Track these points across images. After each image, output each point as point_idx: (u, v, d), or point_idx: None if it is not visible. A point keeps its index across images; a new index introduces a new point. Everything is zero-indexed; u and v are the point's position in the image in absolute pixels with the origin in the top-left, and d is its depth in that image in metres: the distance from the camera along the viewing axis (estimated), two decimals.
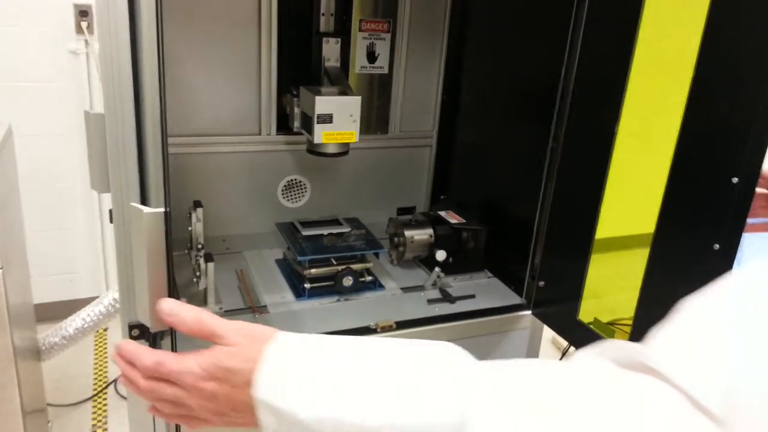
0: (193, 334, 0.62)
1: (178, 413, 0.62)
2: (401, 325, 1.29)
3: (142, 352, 0.64)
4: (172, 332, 1.06)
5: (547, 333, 2.75)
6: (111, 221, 1.03)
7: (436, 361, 0.50)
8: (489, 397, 0.45)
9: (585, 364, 0.50)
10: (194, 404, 0.59)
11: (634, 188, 1.19)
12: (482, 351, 1.37)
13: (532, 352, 1.46)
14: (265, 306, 1.33)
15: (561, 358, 1.72)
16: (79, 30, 2.52)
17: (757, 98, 0.80)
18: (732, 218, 0.80)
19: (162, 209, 0.91)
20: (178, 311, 0.64)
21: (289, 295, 1.38)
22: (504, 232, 1.46)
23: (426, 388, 0.47)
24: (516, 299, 1.42)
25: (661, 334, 0.47)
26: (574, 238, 1.23)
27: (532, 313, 1.38)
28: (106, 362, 2.71)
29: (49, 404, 2.33)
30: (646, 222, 1.06)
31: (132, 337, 1.08)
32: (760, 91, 0.80)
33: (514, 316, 1.39)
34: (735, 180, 0.80)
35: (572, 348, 1.65)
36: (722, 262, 0.79)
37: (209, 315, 0.62)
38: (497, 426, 0.44)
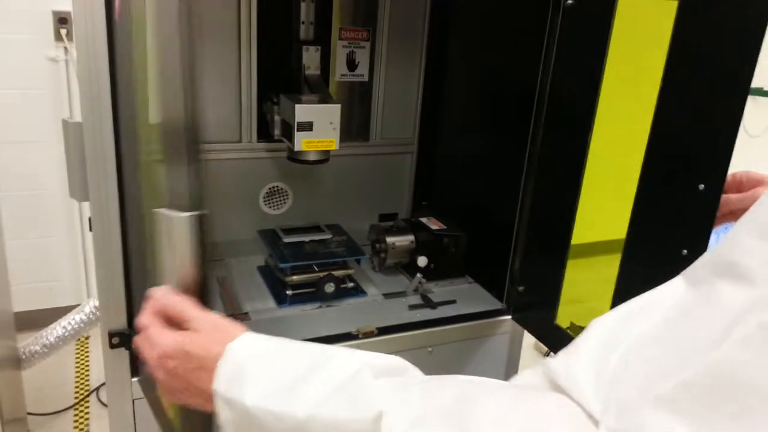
0: (165, 313, 0.68)
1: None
2: (383, 330, 1.30)
3: (151, 305, 0.69)
4: None
5: (529, 338, 2.78)
6: (91, 229, 1.03)
7: (376, 371, 0.57)
8: (405, 401, 0.54)
9: (513, 382, 0.58)
10: (160, 376, 0.65)
11: (610, 194, 1.21)
12: (463, 356, 1.39)
13: (513, 356, 1.48)
14: (247, 313, 1.33)
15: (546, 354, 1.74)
16: (58, 37, 2.51)
17: (723, 106, 0.82)
18: (698, 224, 0.82)
19: (194, 213, 0.74)
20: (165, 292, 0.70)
21: (271, 302, 1.38)
22: (484, 238, 1.47)
23: (356, 391, 0.55)
24: (497, 304, 1.43)
25: (568, 349, 0.53)
26: (552, 244, 1.25)
27: (512, 318, 1.40)
28: (87, 370, 2.69)
29: (29, 413, 2.30)
30: (621, 227, 1.08)
31: (112, 346, 1.08)
32: (725, 99, 0.82)
33: (495, 321, 1.41)
34: (701, 186, 0.82)
35: (552, 353, 1.67)
36: None
37: (185, 301, 0.68)
38: (408, 419, 0.52)
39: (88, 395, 2.53)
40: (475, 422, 0.49)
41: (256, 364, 0.59)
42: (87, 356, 2.78)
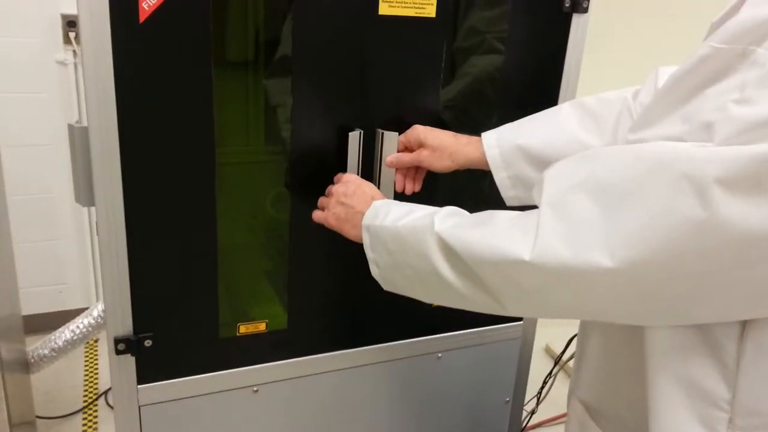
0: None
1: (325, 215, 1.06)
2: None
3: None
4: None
5: (540, 342, 2.75)
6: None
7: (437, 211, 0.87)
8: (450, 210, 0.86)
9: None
10: (331, 204, 1.05)
11: None
12: (473, 362, 1.37)
13: (524, 361, 1.46)
14: None
15: (554, 367, 1.72)
16: (66, 40, 2.51)
17: None
18: None
19: None
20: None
21: None
22: None
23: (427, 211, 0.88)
24: None
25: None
26: None
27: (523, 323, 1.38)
28: (96, 374, 2.69)
29: (38, 417, 2.30)
30: None
31: (118, 352, 1.07)
32: None
33: (505, 326, 1.39)
34: None
35: (565, 356, 1.65)
36: None
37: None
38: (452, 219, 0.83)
39: (96, 399, 2.53)
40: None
41: (384, 211, 0.94)
42: (96, 359, 2.78)
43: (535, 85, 1.25)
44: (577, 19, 1.21)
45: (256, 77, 1.33)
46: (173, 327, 1.10)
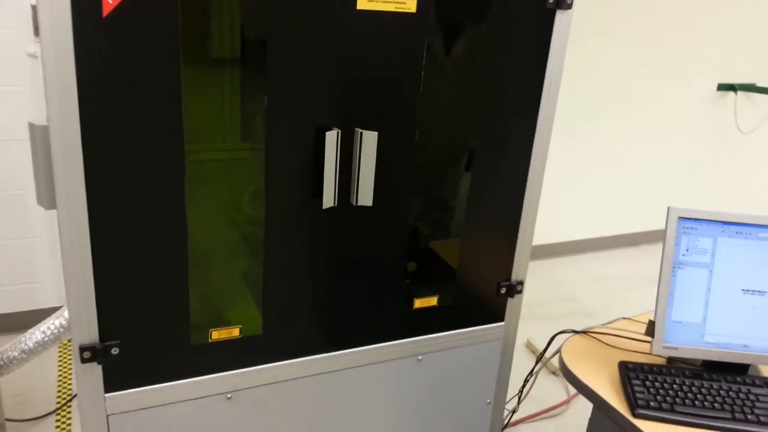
0: None
1: None
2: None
3: None
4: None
5: (521, 336, 2.74)
6: None
7: None
8: None
9: None
10: None
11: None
12: (454, 364, 1.34)
13: (505, 363, 1.43)
14: None
15: (536, 363, 1.70)
16: (38, 32, 2.43)
17: None
18: None
19: None
20: None
21: None
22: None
23: None
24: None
25: None
26: None
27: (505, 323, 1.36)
28: (70, 374, 2.63)
29: (8, 419, 2.24)
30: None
31: (84, 360, 1.03)
32: None
33: (487, 328, 1.37)
34: None
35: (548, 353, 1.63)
36: None
37: None
38: None
39: (69, 400, 2.47)
40: None
41: None
42: (70, 360, 2.72)
43: (518, 82, 1.22)
44: (560, 16, 1.18)
45: (231, 73, 1.28)
46: (142, 334, 1.06)
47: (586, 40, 3.33)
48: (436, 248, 1.47)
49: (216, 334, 1.12)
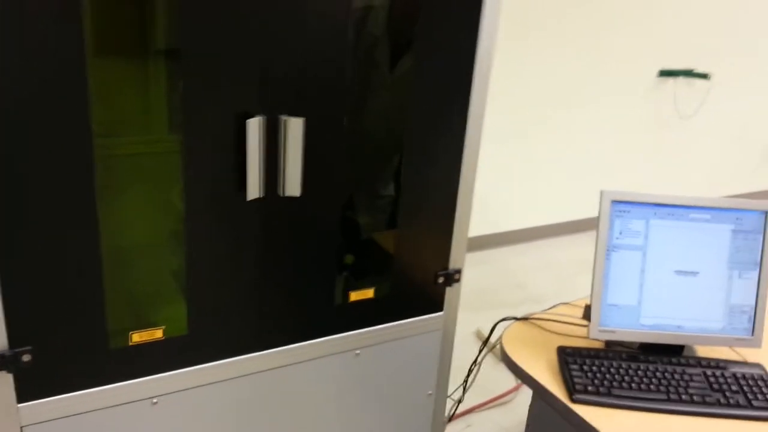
0: None
1: None
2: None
3: None
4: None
5: (471, 326, 2.74)
6: None
7: None
8: None
9: None
10: None
11: None
12: (393, 357, 1.32)
13: (445, 353, 1.42)
14: None
15: (479, 354, 1.69)
16: None
17: None
18: None
19: None
20: None
21: None
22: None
23: None
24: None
25: None
26: None
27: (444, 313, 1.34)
28: None
29: None
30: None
31: None
32: None
33: (426, 318, 1.35)
34: None
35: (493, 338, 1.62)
36: None
37: None
38: None
39: None
40: None
41: None
42: None
43: (448, 65, 1.20)
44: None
45: (155, 62, 1.22)
46: (56, 339, 1.00)
47: (528, 28, 3.35)
48: (372, 239, 1.44)
49: (137, 337, 1.06)
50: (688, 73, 3.98)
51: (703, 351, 1.34)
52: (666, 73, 3.91)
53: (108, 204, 1.04)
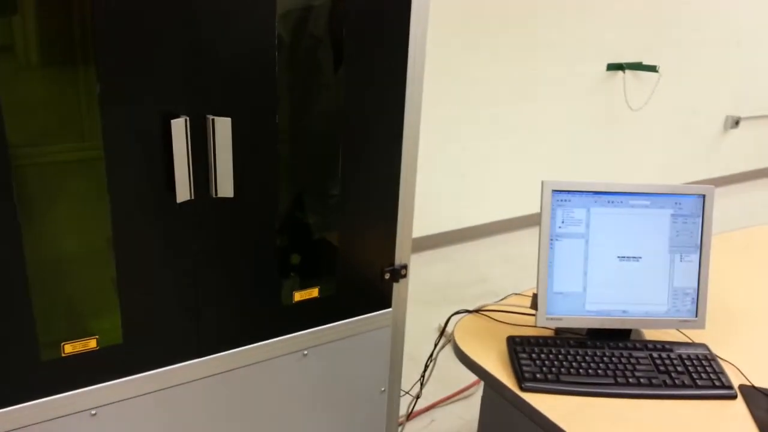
0: None
1: None
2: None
3: None
4: None
5: (432, 322, 2.75)
6: None
7: None
8: None
9: None
10: None
11: None
12: (342, 355, 1.31)
13: (396, 349, 1.41)
14: None
15: (434, 348, 1.68)
16: None
17: None
18: None
19: None
20: None
21: None
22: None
23: None
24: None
25: None
26: None
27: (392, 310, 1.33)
28: None
29: None
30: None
31: None
32: None
33: (374, 315, 1.34)
34: None
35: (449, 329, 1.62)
36: None
37: None
38: None
39: None
40: None
41: None
42: None
43: (380, 59, 1.19)
44: None
45: (85, 65, 1.18)
46: None
47: (477, 24, 3.37)
48: (324, 239, 1.42)
49: (69, 347, 1.03)
50: (637, 66, 4.06)
51: (650, 334, 1.36)
52: (614, 67, 3.99)
53: (34, 214, 1.00)
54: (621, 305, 1.30)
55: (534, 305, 1.30)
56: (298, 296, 1.23)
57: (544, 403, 1.13)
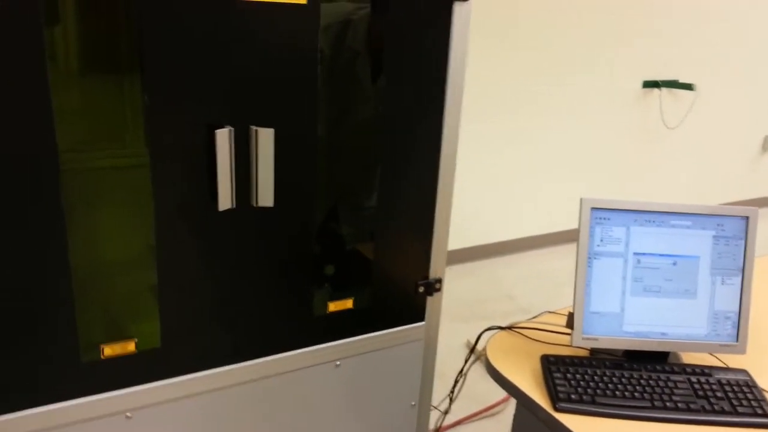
0: None
1: None
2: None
3: None
4: None
5: (461, 338, 2.73)
6: None
7: None
8: None
9: None
10: None
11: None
12: (374, 367, 1.30)
13: (428, 363, 1.40)
14: None
15: (465, 364, 1.67)
16: None
17: None
18: None
19: None
20: None
21: None
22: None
23: None
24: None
25: None
26: None
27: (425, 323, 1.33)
28: None
29: None
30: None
31: None
32: None
33: (407, 328, 1.33)
34: None
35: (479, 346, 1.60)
36: None
37: None
38: None
39: None
40: None
41: None
42: None
43: (421, 74, 1.19)
44: (459, 8, 1.16)
45: (131, 76, 1.21)
46: (24, 352, 0.98)
47: (517, 39, 3.37)
48: (357, 251, 1.42)
49: (109, 350, 1.04)
50: (673, 84, 4.01)
51: (688, 358, 1.33)
52: (650, 84, 3.94)
53: (78, 218, 1.03)
54: (660, 327, 1.28)
55: (570, 324, 1.28)
56: (333, 306, 1.24)
57: (580, 424, 1.11)
